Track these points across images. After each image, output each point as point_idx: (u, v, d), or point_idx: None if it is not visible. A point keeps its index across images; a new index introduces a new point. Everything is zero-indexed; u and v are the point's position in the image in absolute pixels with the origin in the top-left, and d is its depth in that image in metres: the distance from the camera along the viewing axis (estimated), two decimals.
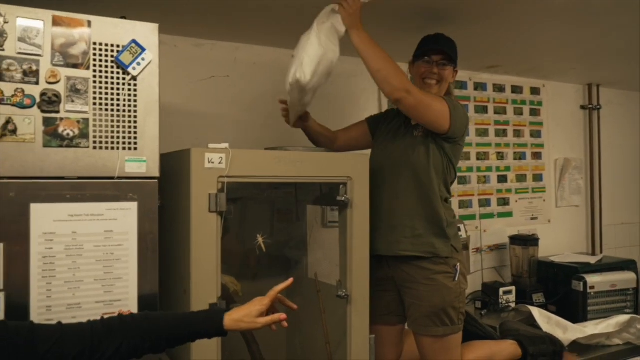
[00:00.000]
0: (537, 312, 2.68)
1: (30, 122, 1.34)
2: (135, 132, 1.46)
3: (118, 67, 1.44)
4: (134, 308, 1.46)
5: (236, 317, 1.28)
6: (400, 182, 2.01)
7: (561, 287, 2.96)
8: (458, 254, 2.03)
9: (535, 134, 3.45)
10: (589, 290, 2.83)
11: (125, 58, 1.43)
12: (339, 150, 2.26)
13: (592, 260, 3.09)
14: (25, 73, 1.34)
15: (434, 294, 1.96)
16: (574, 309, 2.86)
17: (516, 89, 3.37)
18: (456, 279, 2.00)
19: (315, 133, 2.23)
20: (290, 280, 1.42)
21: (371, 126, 2.27)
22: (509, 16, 2.21)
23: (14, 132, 1.33)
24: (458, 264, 2.01)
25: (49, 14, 1.37)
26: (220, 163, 1.64)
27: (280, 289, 1.38)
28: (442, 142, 1.98)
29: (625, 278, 2.94)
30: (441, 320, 1.97)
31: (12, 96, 1.33)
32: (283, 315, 1.34)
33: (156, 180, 1.49)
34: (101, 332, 1.15)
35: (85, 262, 1.40)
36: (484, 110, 3.24)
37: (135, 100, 1.46)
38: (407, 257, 2.00)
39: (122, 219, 1.44)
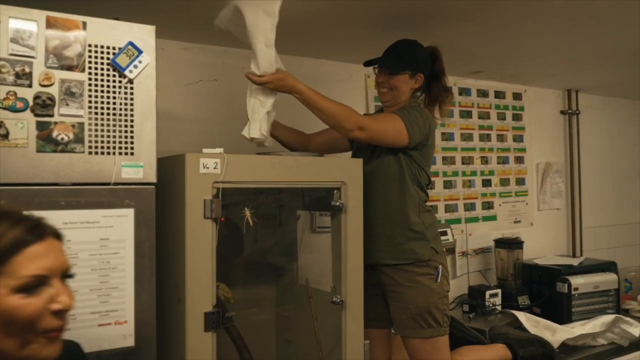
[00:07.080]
0: (523, 317, 2.71)
1: (22, 126, 1.29)
2: (132, 137, 1.41)
3: (114, 70, 1.39)
4: (130, 318, 1.41)
5: None
6: (376, 192, 2.03)
7: (545, 289, 3.00)
8: (439, 255, 2.06)
9: (518, 139, 3.50)
10: (573, 292, 2.87)
11: (122, 60, 1.39)
12: (315, 152, 2.23)
13: (575, 262, 3.14)
14: (17, 75, 1.29)
15: (418, 296, 2.00)
16: (558, 310, 2.90)
17: (499, 94, 3.41)
18: (438, 280, 2.03)
19: (286, 137, 2.21)
20: None
21: None
22: (492, 22, 2.24)
23: (5, 136, 1.27)
24: (440, 266, 2.04)
25: (42, 14, 1.32)
26: (215, 168, 1.61)
27: None
28: (408, 151, 2.02)
29: (607, 279, 3.00)
30: (426, 322, 2.00)
31: (4, 99, 1.27)
32: None
33: (153, 186, 1.45)
34: None
35: (80, 272, 1.34)
36: (469, 115, 3.27)
37: (132, 104, 1.42)
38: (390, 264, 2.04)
39: (119, 227, 1.39)
